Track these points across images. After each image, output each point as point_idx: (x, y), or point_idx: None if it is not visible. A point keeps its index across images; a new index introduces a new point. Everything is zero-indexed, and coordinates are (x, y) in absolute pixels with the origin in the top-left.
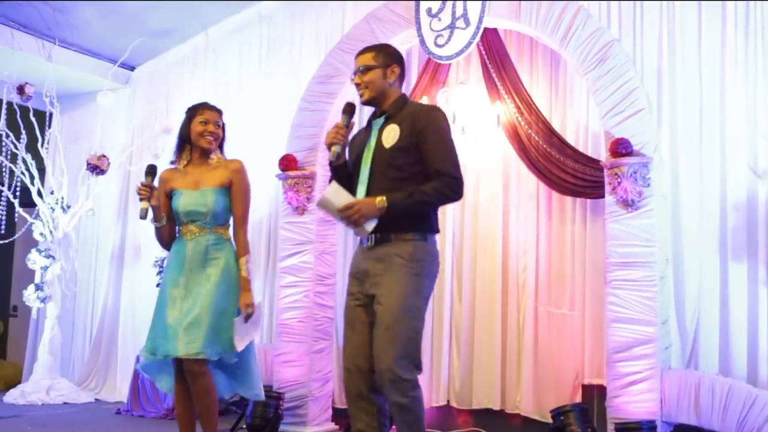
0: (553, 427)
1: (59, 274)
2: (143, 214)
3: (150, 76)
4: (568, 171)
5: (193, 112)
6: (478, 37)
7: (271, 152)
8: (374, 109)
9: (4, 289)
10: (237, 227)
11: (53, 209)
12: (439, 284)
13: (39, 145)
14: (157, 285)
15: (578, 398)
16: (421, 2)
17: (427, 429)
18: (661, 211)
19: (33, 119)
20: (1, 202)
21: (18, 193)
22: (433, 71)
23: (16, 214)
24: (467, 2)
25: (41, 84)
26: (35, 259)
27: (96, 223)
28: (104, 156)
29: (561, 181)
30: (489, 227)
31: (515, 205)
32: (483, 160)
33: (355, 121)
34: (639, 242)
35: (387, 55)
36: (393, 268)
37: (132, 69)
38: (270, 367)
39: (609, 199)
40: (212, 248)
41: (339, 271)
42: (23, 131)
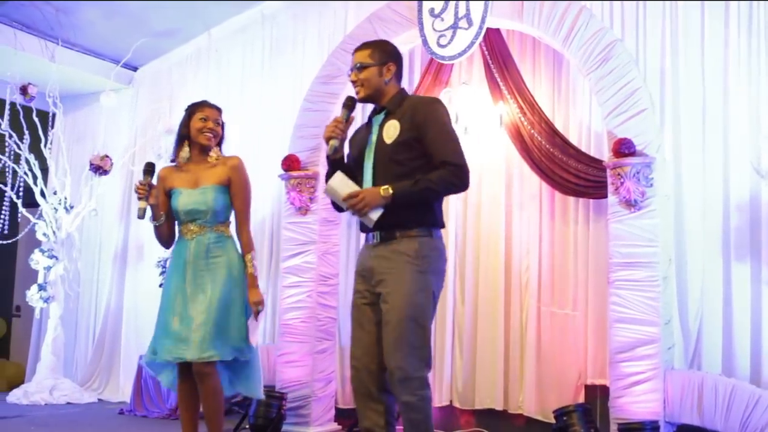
0: (556, 427)
1: (62, 275)
2: (141, 214)
3: (153, 76)
4: (571, 171)
5: (193, 109)
6: (480, 38)
7: (274, 152)
8: (374, 105)
9: (7, 290)
10: (240, 224)
11: (56, 209)
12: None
13: (42, 145)
14: (160, 285)
15: (581, 398)
16: (423, 2)
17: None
18: (664, 211)
19: (36, 119)
20: (5, 203)
21: (21, 194)
22: (436, 71)
23: (19, 215)
24: (470, 2)
25: (44, 84)
26: (38, 260)
27: (99, 223)
28: (107, 156)
29: (564, 181)
30: (492, 227)
31: (518, 205)
32: (486, 160)
33: (355, 115)
34: (642, 242)
35: (383, 52)
36: (399, 266)
37: (135, 69)
38: (273, 367)
39: (612, 199)
40: (214, 246)
41: (342, 271)
42: (26, 131)
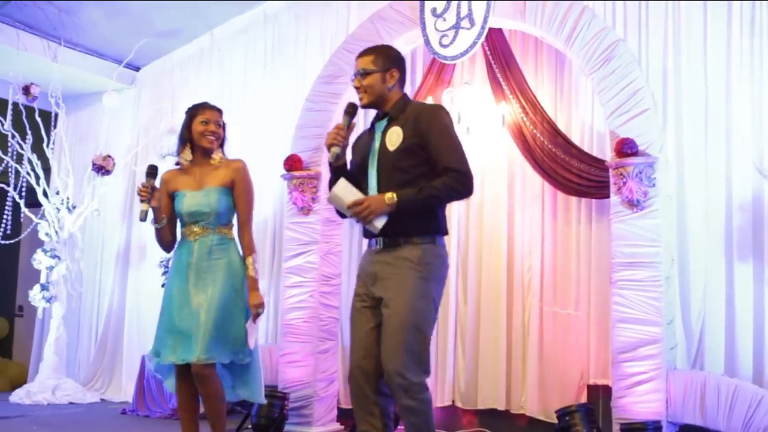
0: (559, 427)
1: (65, 274)
2: (143, 216)
3: (155, 76)
4: (573, 171)
5: (194, 112)
6: (482, 37)
7: (276, 152)
8: (377, 111)
9: (9, 289)
10: (242, 227)
11: (59, 209)
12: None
13: (44, 145)
14: (162, 285)
15: (583, 398)
16: (425, 2)
17: None
18: (667, 211)
19: (38, 119)
20: (7, 203)
21: (23, 194)
22: (438, 71)
23: (22, 215)
24: (472, 2)
25: (47, 84)
26: (41, 259)
27: (101, 223)
28: (109, 156)
29: (566, 181)
30: (494, 227)
31: (520, 205)
32: (488, 160)
33: (357, 122)
34: (644, 242)
35: (386, 58)
36: (401, 272)
37: (137, 69)
38: (275, 367)
39: (614, 199)
40: (216, 248)
41: (344, 272)
42: (29, 131)
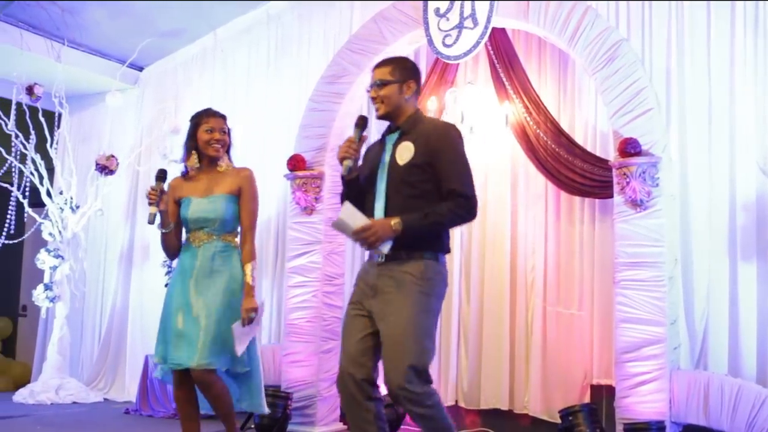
0: (562, 427)
1: (68, 274)
2: (151, 219)
3: (158, 76)
4: (577, 171)
5: (198, 120)
6: (486, 37)
7: (280, 152)
8: (388, 123)
9: (13, 289)
10: (244, 233)
11: (62, 209)
12: (448, 284)
13: (48, 145)
14: (166, 285)
15: (587, 398)
16: (429, 2)
17: None
18: (670, 210)
19: (42, 119)
20: (11, 202)
21: (27, 193)
22: (441, 71)
23: (26, 214)
24: (475, 2)
25: (50, 84)
26: (44, 259)
27: (105, 223)
28: (113, 156)
29: (569, 180)
30: (497, 227)
31: (523, 205)
32: (491, 160)
33: (368, 135)
34: (648, 242)
35: (404, 69)
36: (403, 287)
37: (140, 69)
38: (278, 367)
39: (617, 199)
40: (219, 256)
41: (347, 271)
42: (32, 131)
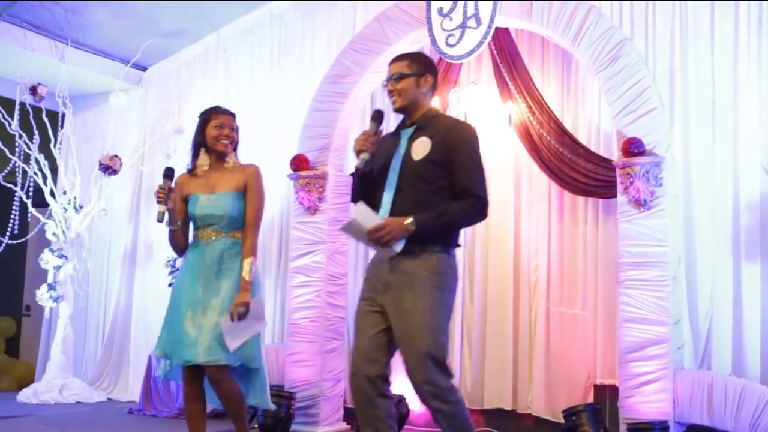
0: (565, 427)
1: (72, 274)
2: (160, 218)
3: (162, 76)
4: (580, 170)
5: (207, 116)
6: (489, 37)
7: (283, 152)
8: (403, 117)
9: (17, 289)
10: (247, 229)
11: (66, 209)
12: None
13: (51, 145)
14: (169, 284)
15: (590, 398)
16: (432, 2)
17: (436, 429)
18: (674, 210)
19: (46, 120)
20: (14, 202)
21: (31, 193)
22: (445, 71)
23: (29, 214)
24: (478, 2)
25: (54, 84)
26: (48, 259)
27: (108, 223)
28: (116, 156)
29: (573, 180)
30: (501, 227)
31: (527, 205)
32: (494, 160)
33: (383, 129)
34: (651, 242)
35: (421, 63)
36: (417, 282)
37: (144, 69)
38: (282, 367)
39: (621, 198)
40: (228, 253)
41: (351, 271)
42: (36, 131)
